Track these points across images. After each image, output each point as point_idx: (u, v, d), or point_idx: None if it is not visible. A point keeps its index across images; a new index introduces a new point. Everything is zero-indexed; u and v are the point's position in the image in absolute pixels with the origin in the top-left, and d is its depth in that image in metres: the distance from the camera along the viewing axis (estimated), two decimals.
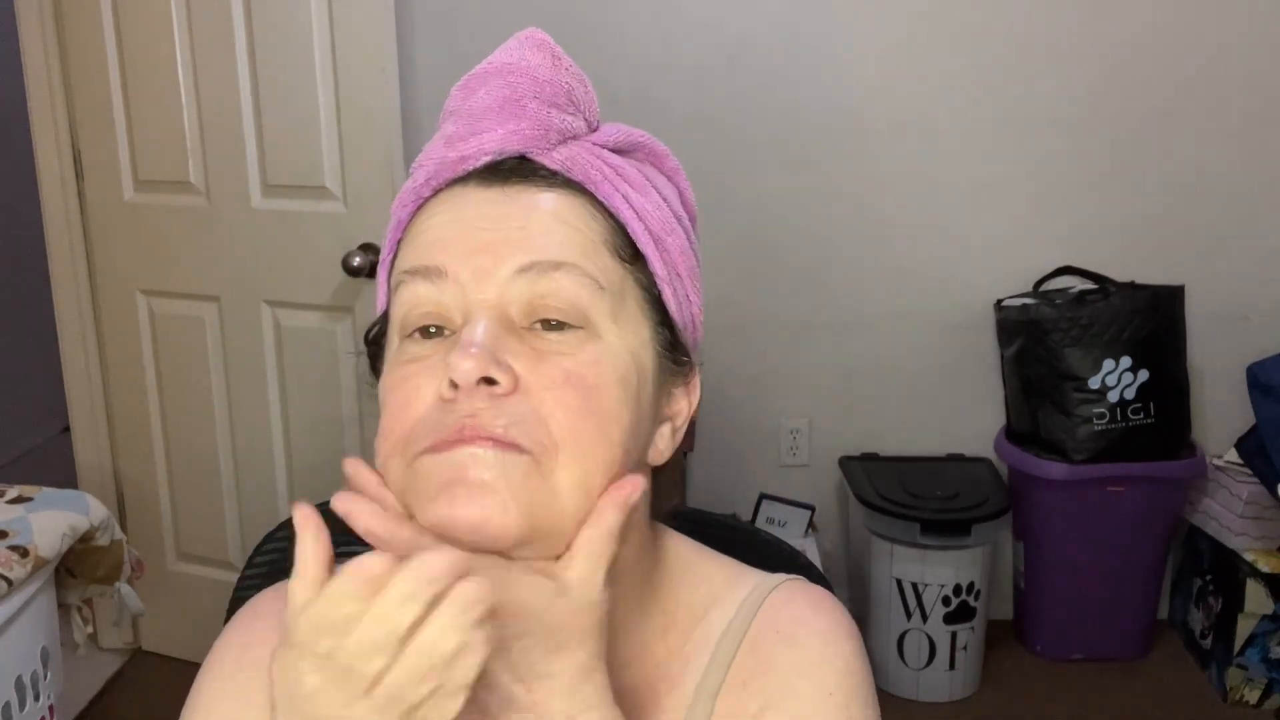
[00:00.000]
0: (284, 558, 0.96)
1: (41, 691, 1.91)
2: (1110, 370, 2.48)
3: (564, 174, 0.65)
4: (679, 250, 0.69)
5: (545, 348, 0.61)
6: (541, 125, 0.65)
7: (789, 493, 2.64)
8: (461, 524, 0.58)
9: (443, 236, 0.63)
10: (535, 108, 0.65)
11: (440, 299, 0.62)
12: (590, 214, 0.65)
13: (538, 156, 0.65)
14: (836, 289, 2.70)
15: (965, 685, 2.54)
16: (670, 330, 0.68)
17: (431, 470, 0.59)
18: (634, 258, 0.66)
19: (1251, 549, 2.45)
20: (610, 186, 0.66)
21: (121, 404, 2.59)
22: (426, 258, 0.63)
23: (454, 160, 0.65)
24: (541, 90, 0.66)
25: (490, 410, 0.58)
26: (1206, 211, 2.64)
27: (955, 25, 2.57)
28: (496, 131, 0.65)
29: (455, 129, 0.66)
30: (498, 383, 0.58)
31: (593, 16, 2.56)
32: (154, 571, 2.50)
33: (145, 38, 2.34)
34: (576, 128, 0.67)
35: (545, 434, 0.59)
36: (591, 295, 0.62)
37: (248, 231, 2.37)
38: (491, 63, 0.68)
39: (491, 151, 0.65)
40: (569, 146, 0.66)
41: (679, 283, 0.69)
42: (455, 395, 0.58)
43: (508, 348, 0.60)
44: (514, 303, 0.61)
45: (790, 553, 0.93)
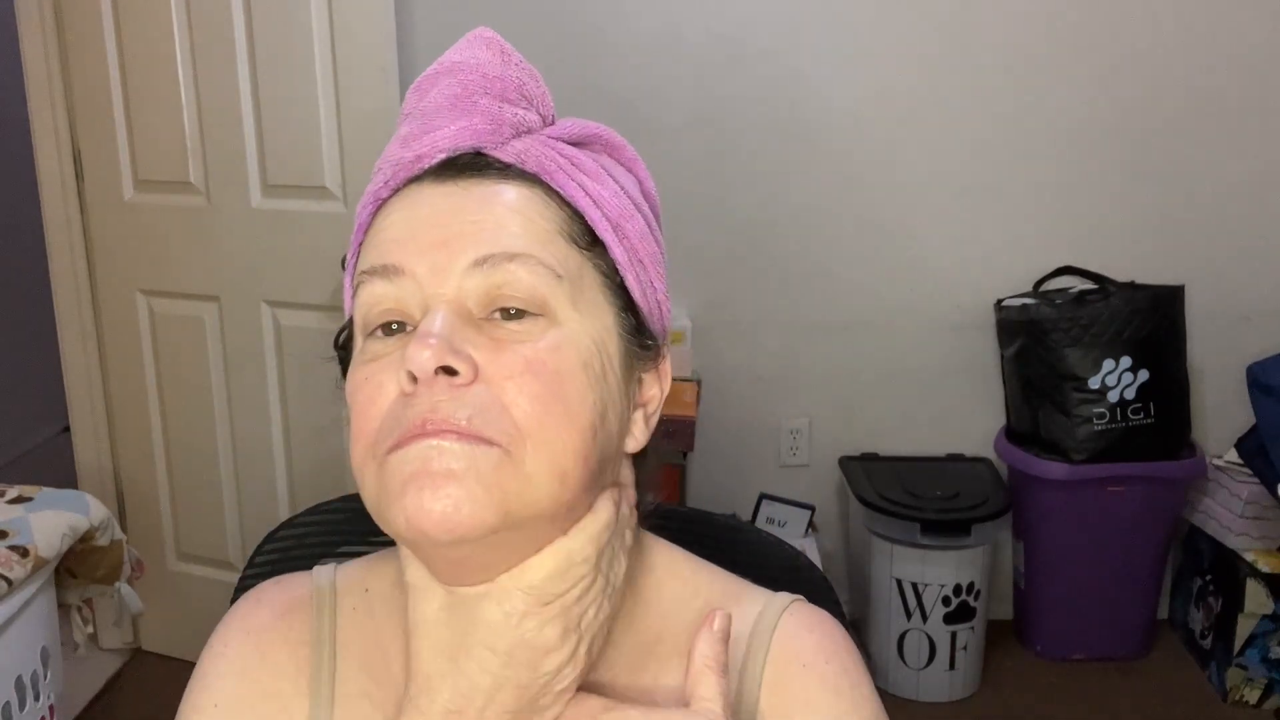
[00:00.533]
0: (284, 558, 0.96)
1: (41, 691, 1.91)
2: (1110, 370, 2.48)
3: (518, 166, 0.65)
4: (639, 236, 0.68)
5: (505, 337, 0.61)
6: (493, 120, 0.65)
7: (789, 493, 2.64)
8: (432, 517, 0.57)
9: (399, 235, 0.63)
10: (486, 103, 0.66)
11: (399, 296, 0.62)
12: (545, 203, 0.65)
13: (492, 151, 0.65)
14: (836, 289, 2.70)
15: (965, 685, 2.54)
16: (635, 315, 0.67)
17: (398, 467, 0.58)
18: (592, 245, 0.65)
19: (1251, 549, 2.45)
20: (565, 175, 0.66)
21: (121, 404, 2.59)
22: (383, 257, 0.63)
23: (409, 160, 0.66)
24: (491, 86, 0.66)
25: (451, 402, 0.58)
26: (1206, 211, 2.64)
27: (956, 25, 2.57)
28: (449, 128, 0.65)
29: (409, 129, 0.67)
30: (457, 373, 0.58)
31: (590, 18, 2.56)
32: (154, 571, 2.50)
33: (145, 38, 2.34)
34: (530, 122, 0.67)
35: (510, 423, 0.58)
36: (549, 284, 0.62)
37: (247, 231, 2.37)
38: (442, 63, 0.68)
39: (445, 148, 0.65)
40: (523, 140, 0.66)
41: (641, 269, 0.68)
42: (415, 389, 0.58)
43: (466, 338, 0.60)
44: (470, 295, 0.61)
45: (792, 553, 0.92)
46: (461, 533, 0.57)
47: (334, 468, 2.41)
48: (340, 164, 2.25)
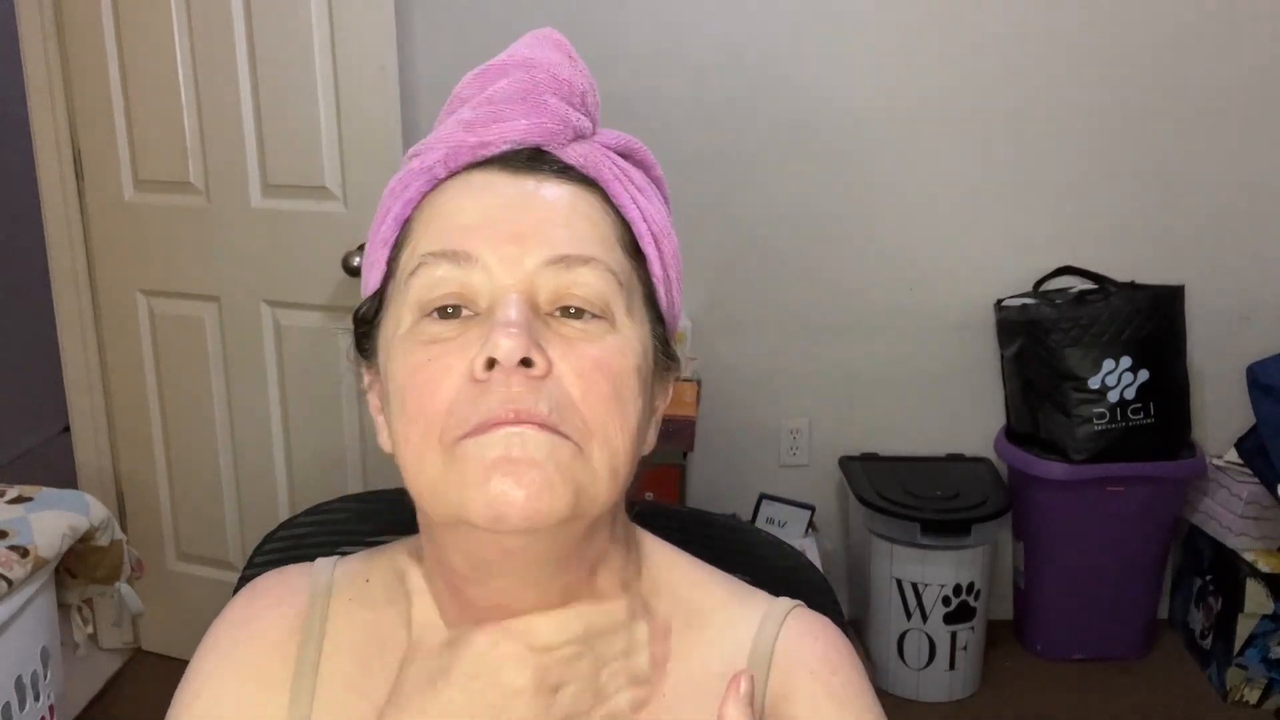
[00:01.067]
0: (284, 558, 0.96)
1: (41, 691, 1.91)
2: (1110, 370, 2.48)
3: (579, 170, 0.67)
4: (673, 255, 0.70)
5: (571, 334, 0.62)
6: (561, 121, 0.67)
7: (789, 493, 2.64)
8: (515, 502, 0.58)
9: (470, 221, 0.64)
10: (555, 103, 0.67)
11: (466, 281, 0.62)
12: (604, 211, 0.66)
13: (556, 150, 0.67)
14: (836, 289, 2.70)
15: (965, 685, 2.54)
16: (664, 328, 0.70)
17: (476, 453, 0.59)
18: (637, 256, 0.67)
19: (1251, 549, 2.45)
20: (620, 186, 0.67)
21: (121, 404, 2.59)
22: (454, 242, 0.63)
23: (473, 144, 0.66)
24: (561, 88, 0.68)
25: (531, 393, 0.59)
26: (1206, 211, 2.64)
27: (956, 25, 2.57)
28: (520, 122, 0.66)
29: (474, 115, 0.67)
30: (534, 365, 0.59)
31: (593, 16, 2.56)
32: (154, 571, 2.50)
33: (145, 38, 2.34)
34: (587, 128, 0.69)
35: (581, 420, 0.60)
36: (613, 289, 0.64)
37: (247, 231, 2.37)
38: (512, 56, 0.69)
39: (514, 140, 0.66)
40: (581, 145, 0.68)
41: (670, 285, 0.70)
42: (489, 376, 0.59)
43: (540, 332, 0.61)
44: (541, 290, 0.62)
45: (793, 554, 0.92)
46: (540, 520, 0.58)
47: (334, 468, 2.41)
48: (340, 164, 2.25)
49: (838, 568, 2.81)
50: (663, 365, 0.70)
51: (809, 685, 0.70)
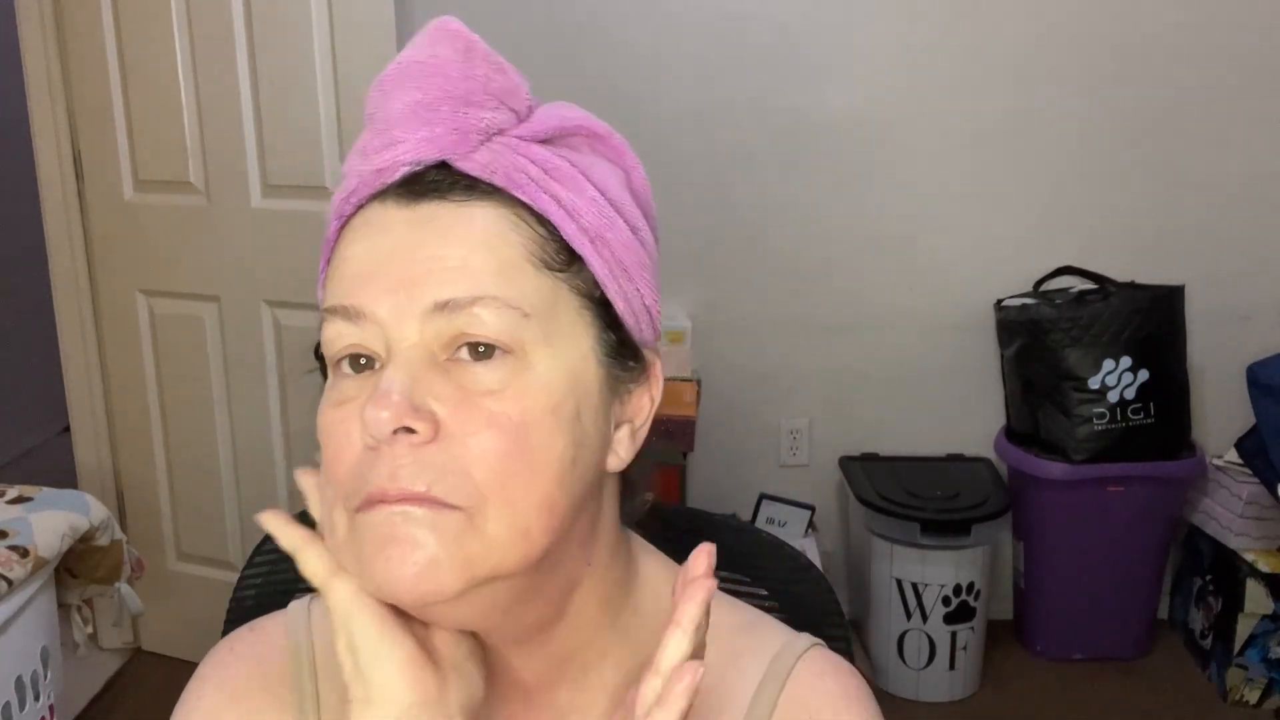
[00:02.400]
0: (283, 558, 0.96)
1: (41, 691, 1.91)
2: (1110, 370, 2.48)
3: (485, 180, 0.61)
4: (622, 244, 0.64)
5: (472, 385, 0.58)
6: (457, 128, 0.61)
7: (789, 493, 2.64)
8: (400, 585, 0.57)
9: (361, 270, 0.60)
10: (449, 110, 0.61)
11: (362, 336, 0.60)
12: (513, 225, 0.60)
13: (458, 162, 0.61)
14: (836, 289, 2.70)
15: (965, 685, 2.54)
16: (617, 331, 0.64)
17: (367, 530, 0.57)
18: (568, 263, 0.61)
19: (1251, 549, 2.45)
20: (536, 188, 0.61)
21: (121, 404, 2.59)
22: (345, 296, 0.60)
23: (370, 174, 0.62)
24: (454, 89, 0.61)
25: (411, 466, 0.56)
26: (1206, 211, 2.64)
27: (956, 25, 2.57)
28: (409, 140, 0.61)
29: (368, 139, 0.63)
30: (416, 432, 0.56)
31: (590, 18, 2.56)
32: (154, 571, 2.50)
33: (145, 38, 2.34)
34: (500, 121, 0.62)
35: (472, 486, 0.57)
36: (515, 324, 0.59)
37: (248, 231, 2.37)
38: (400, 63, 0.63)
39: (407, 162, 0.61)
40: (492, 146, 0.62)
41: (625, 278, 0.64)
42: (378, 445, 0.57)
43: (430, 389, 0.57)
44: (434, 339, 0.59)
45: (793, 554, 0.92)
46: (432, 598, 0.57)
47: None
48: (340, 164, 2.25)
49: (838, 568, 2.81)
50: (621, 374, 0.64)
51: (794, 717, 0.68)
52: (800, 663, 0.70)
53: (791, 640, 0.71)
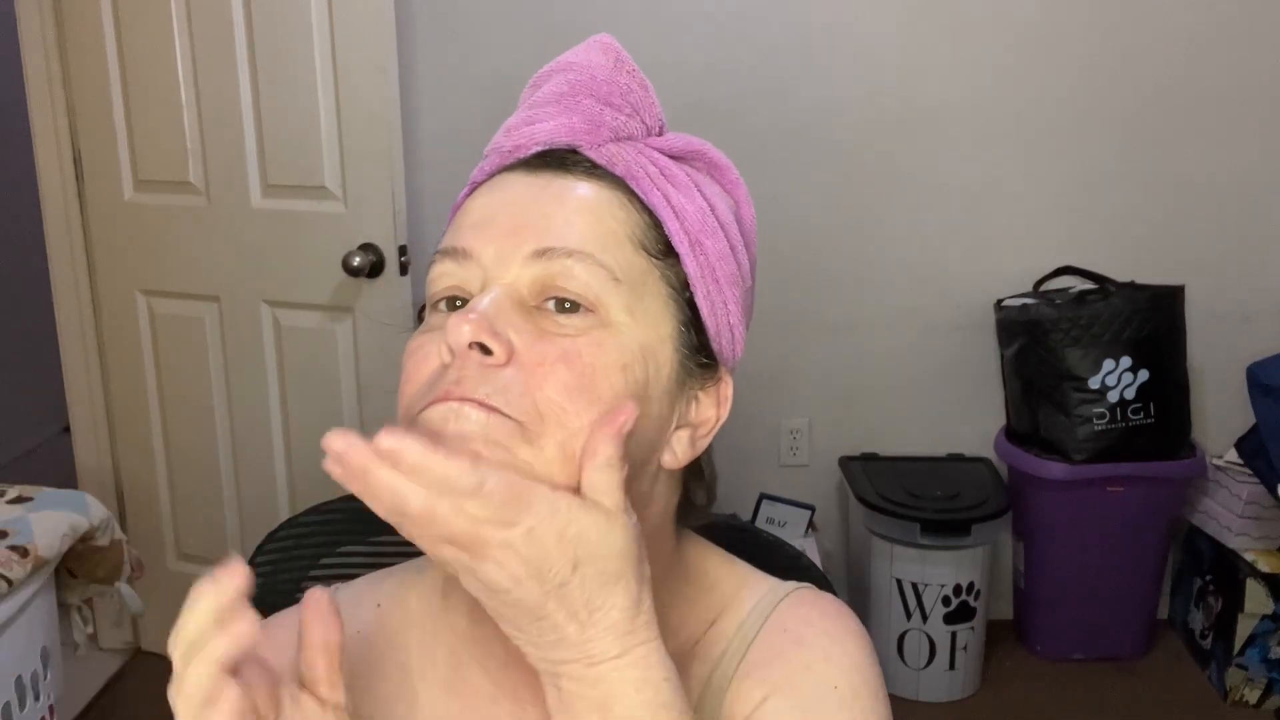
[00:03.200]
0: (284, 558, 0.96)
1: (41, 691, 1.91)
2: (1110, 370, 2.48)
3: (606, 168, 0.67)
4: (718, 255, 0.69)
5: (551, 328, 0.61)
6: (592, 120, 0.67)
7: (789, 493, 2.64)
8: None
9: (476, 220, 0.66)
10: (589, 104, 0.68)
11: (463, 275, 0.64)
12: (623, 206, 0.66)
13: (586, 150, 0.67)
14: (836, 289, 2.70)
15: (965, 685, 2.54)
16: (698, 333, 0.67)
17: (422, 426, 0.60)
18: (665, 254, 0.66)
19: (1251, 549, 2.45)
20: (650, 183, 0.67)
21: (121, 404, 2.59)
22: (456, 240, 0.65)
23: (507, 149, 0.68)
24: (598, 89, 0.68)
25: (476, 378, 0.59)
26: (1206, 211, 2.64)
27: (956, 25, 2.57)
28: (548, 123, 0.67)
29: (515, 119, 0.69)
30: (492, 352, 0.59)
31: (590, 16, 2.56)
32: (154, 571, 2.50)
33: (145, 38, 2.34)
34: (632, 129, 0.69)
35: (531, 405, 0.59)
36: (603, 284, 0.63)
37: (248, 231, 2.37)
38: (557, 61, 0.70)
39: (541, 141, 0.67)
40: (619, 145, 0.68)
41: (715, 287, 0.69)
42: (451, 360, 0.60)
43: (511, 321, 0.61)
44: (526, 282, 0.63)
45: (793, 554, 0.92)
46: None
47: None
48: (340, 164, 2.25)
49: (838, 568, 2.81)
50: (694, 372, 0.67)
51: (780, 639, 0.71)
52: (786, 599, 0.74)
53: (779, 583, 0.76)
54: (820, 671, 0.69)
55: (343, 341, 2.35)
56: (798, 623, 0.72)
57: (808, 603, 0.74)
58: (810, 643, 0.71)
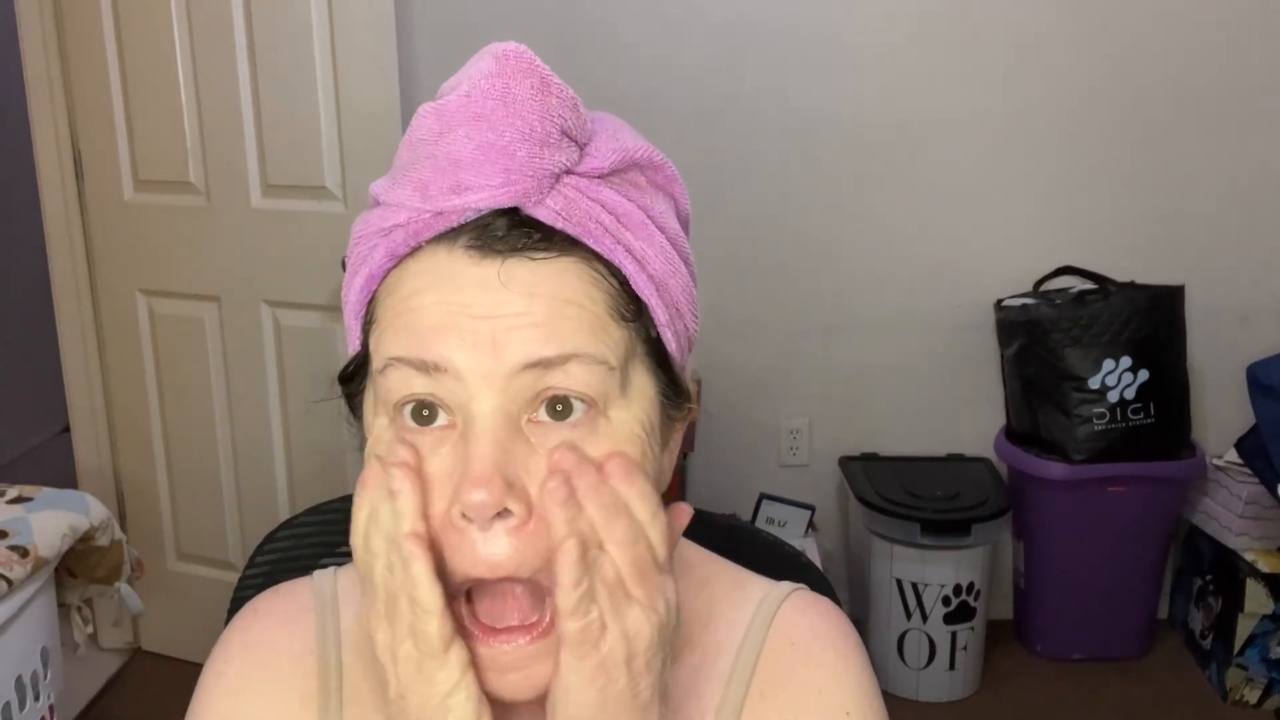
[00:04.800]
0: (284, 558, 0.96)
1: (41, 691, 1.91)
2: (1110, 370, 2.48)
3: (561, 230, 0.59)
4: (680, 289, 0.65)
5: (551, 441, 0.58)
6: (534, 174, 0.58)
7: (789, 493, 2.64)
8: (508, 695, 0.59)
9: (435, 322, 0.57)
10: (525, 155, 0.57)
11: (438, 390, 0.58)
12: (594, 281, 0.59)
13: (530, 209, 0.58)
14: (837, 289, 2.70)
15: (965, 685, 2.54)
16: (668, 371, 0.64)
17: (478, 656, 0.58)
18: (638, 314, 0.61)
19: (1251, 549, 2.45)
20: (611, 239, 0.60)
21: (121, 404, 2.59)
22: (420, 349, 0.57)
23: (430, 216, 0.59)
24: (531, 131, 0.58)
25: (511, 557, 0.56)
26: (1206, 211, 2.64)
27: (956, 25, 2.57)
28: (484, 189, 0.57)
29: (430, 175, 0.59)
30: (512, 515, 0.56)
31: (592, 15, 2.56)
32: (154, 571, 2.50)
33: (145, 38, 2.34)
34: (569, 158, 0.60)
35: None
36: (602, 379, 0.58)
37: (248, 231, 2.37)
38: (469, 96, 0.58)
39: (478, 210, 0.58)
40: (562, 189, 0.59)
41: (678, 318, 0.65)
42: (466, 525, 0.56)
43: (517, 461, 0.57)
44: (517, 397, 0.57)
45: (792, 553, 0.92)
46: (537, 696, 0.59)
47: (334, 468, 2.40)
48: (340, 164, 2.25)
49: (838, 568, 2.81)
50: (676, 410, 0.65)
51: (788, 654, 0.71)
52: (784, 604, 0.73)
53: (775, 586, 0.75)
54: (832, 696, 0.70)
55: (343, 341, 2.34)
56: (804, 634, 0.72)
57: (810, 609, 0.74)
58: (818, 658, 0.71)
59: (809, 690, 0.69)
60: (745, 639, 0.71)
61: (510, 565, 0.56)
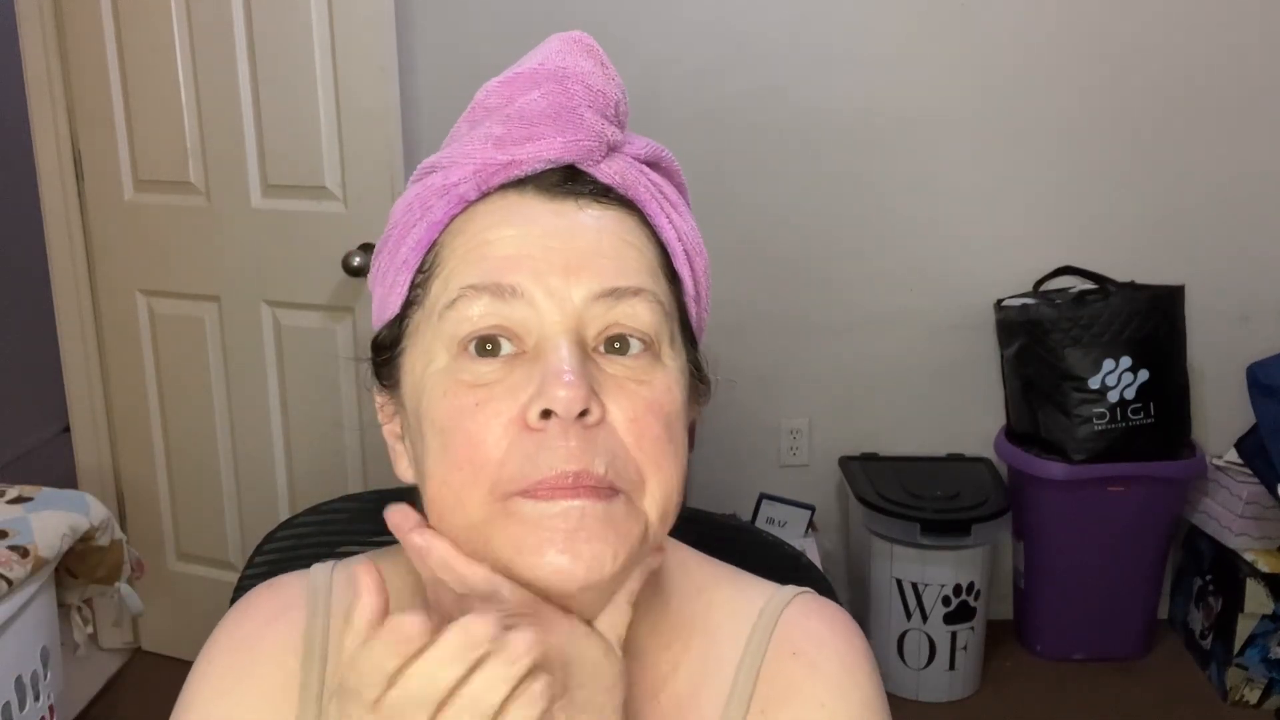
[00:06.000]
0: (284, 558, 0.96)
1: (41, 691, 1.91)
2: (1110, 370, 2.48)
3: (617, 190, 0.64)
4: (704, 271, 0.69)
5: (620, 374, 0.60)
6: (597, 137, 0.63)
7: (789, 493, 2.64)
8: (574, 575, 0.58)
9: (509, 252, 0.61)
10: (590, 118, 0.63)
11: (511, 316, 0.60)
12: (645, 235, 0.64)
13: (589, 168, 0.64)
14: (836, 289, 2.70)
15: (965, 685, 2.54)
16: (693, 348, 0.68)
17: (534, 519, 0.58)
18: (672, 278, 0.65)
19: (1251, 549, 2.45)
20: (657, 206, 0.65)
21: (121, 404, 2.59)
22: (496, 274, 0.60)
23: (504, 163, 0.63)
24: (595, 100, 0.64)
25: (588, 449, 0.57)
26: (1206, 211, 2.64)
27: (956, 25, 2.57)
28: (555, 140, 0.62)
29: (504, 130, 0.63)
30: (589, 414, 0.57)
31: (593, 16, 2.56)
32: (154, 571, 2.50)
33: (145, 38, 2.34)
34: (618, 138, 0.66)
35: (635, 470, 0.59)
36: (660, 320, 0.62)
37: (248, 231, 2.37)
38: (543, 64, 0.65)
39: (549, 160, 0.63)
40: (614, 161, 0.65)
41: (701, 304, 0.69)
42: (544, 426, 0.57)
43: (591, 376, 0.59)
44: (590, 325, 0.60)
45: (792, 554, 0.92)
46: (595, 583, 0.59)
47: (334, 468, 2.41)
48: (340, 164, 2.25)
49: (838, 568, 2.81)
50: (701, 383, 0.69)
51: (791, 664, 0.70)
52: (787, 610, 0.73)
53: (778, 591, 0.75)
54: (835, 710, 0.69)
55: (343, 341, 2.35)
56: (807, 644, 0.71)
57: (814, 616, 0.73)
58: (822, 670, 0.70)
59: (811, 706, 0.68)
60: (746, 651, 0.71)
61: (588, 457, 0.57)
